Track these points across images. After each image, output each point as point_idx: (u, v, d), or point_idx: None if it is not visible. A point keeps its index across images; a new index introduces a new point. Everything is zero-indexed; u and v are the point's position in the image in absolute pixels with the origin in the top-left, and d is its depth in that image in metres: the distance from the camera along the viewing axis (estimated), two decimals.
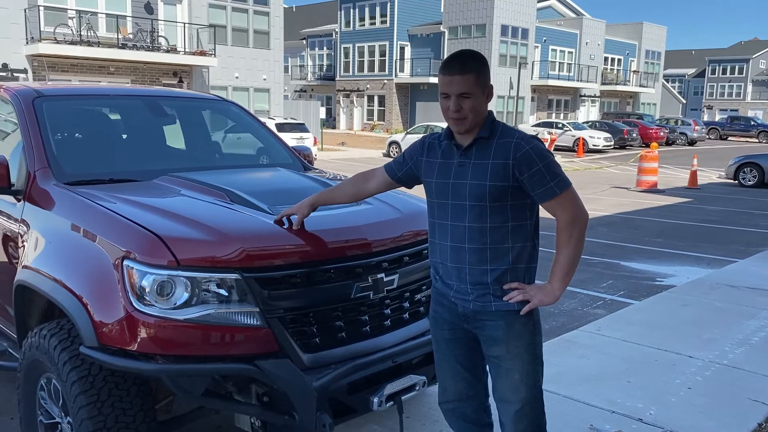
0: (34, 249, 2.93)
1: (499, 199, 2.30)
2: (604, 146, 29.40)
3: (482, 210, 2.31)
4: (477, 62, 2.30)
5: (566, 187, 2.28)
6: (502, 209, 2.31)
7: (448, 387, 2.58)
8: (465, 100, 2.27)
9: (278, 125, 20.04)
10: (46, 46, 18.37)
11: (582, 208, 2.32)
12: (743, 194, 15.60)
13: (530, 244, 2.38)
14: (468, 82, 2.26)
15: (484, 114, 2.34)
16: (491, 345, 2.40)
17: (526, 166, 2.24)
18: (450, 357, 2.53)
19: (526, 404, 2.40)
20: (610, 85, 44.91)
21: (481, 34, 36.70)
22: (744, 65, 69.73)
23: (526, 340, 2.37)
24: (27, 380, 2.92)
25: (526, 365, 2.37)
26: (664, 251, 8.76)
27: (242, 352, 2.53)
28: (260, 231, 2.68)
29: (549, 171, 2.25)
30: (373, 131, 39.89)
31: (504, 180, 2.27)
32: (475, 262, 2.35)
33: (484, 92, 2.32)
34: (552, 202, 2.28)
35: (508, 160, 2.26)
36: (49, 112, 3.54)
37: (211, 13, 23.51)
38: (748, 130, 43.03)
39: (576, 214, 2.29)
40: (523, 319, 2.35)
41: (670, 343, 4.85)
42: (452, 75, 2.26)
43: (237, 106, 4.63)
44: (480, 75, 2.29)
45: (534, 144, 2.28)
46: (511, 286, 2.34)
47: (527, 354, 2.37)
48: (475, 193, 2.31)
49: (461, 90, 2.26)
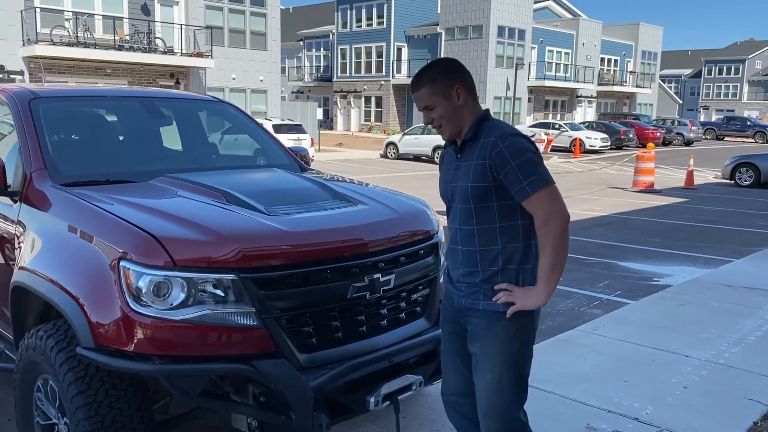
0: (30, 250, 2.93)
1: (483, 200, 2.30)
2: (601, 147, 29.44)
3: (469, 212, 2.34)
4: (427, 74, 2.33)
5: (540, 186, 2.21)
6: (487, 210, 2.31)
7: (448, 379, 2.61)
8: (430, 112, 2.35)
9: (275, 126, 20.02)
10: (42, 48, 18.35)
11: (558, 207, 2.22)
12: (739, 194, 15.64)
13: (523, 245, 2.34)
14: (423, 96, 2.33)
15: (461, 117, 2.34)
16: (471, 341, 2.42)
17: (500, 165, 2.23)
18: (451, 350, 2.56)
19: (493, 407, 2.37)
20: (607, 85, 44.97)
21: (477, 35, 36.73)
22: (740, 66, 69.92)
23: (503, 343, 2.33)
24: (24, 381, 2.92)
25: (498, 368, 2.34)
26: (661, 251, 8.78)
27: (239, 352, 2.54)
28: (256, 232, 2.69)
29: (522, 169, 2.20)
30: (371, 132, 39.91)
31: (484, 180, 2.27)
32: (466, 263, 2.39)
33: (447, 97, 2.32)
34: (526, 202, 2.24)
35: (485, 160, 2.26)
36: (45, 114, 3.54)
37: (208, 15, 23.51)
38: (745, 130, 43.14)
39: (549, 213, 2.21)
40: (506, 322, 2.32)
41: (667, 342, 4.87)
42: (413, 92, 2.37)
43: (234, 107, 4.63)
44: (433, 85, 2.31)
45: (510, 142, 2.23)
46: (501, 287, 2.33)
47: (502, 356, 2.34)
48: (462, 194, 2.34)
49: (422, 104, 2.35)
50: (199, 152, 4.32)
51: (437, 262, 3.24)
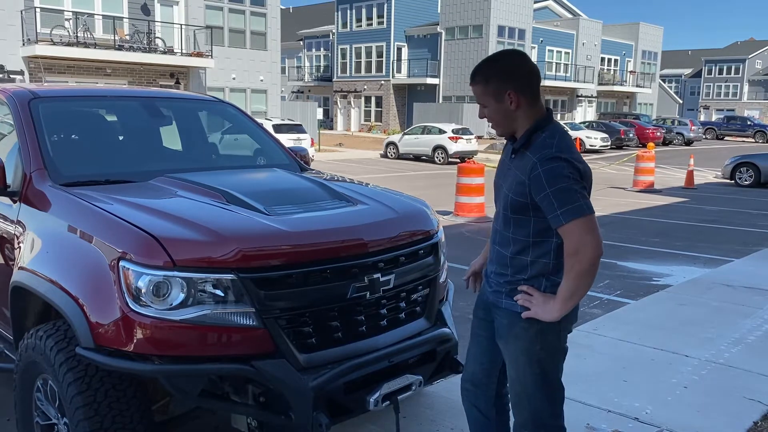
0: (30, 250, 2.93)
1: (521, 212, 2.28)
2: (601, 146, 29.44)
3: (507, 219, 2.35)
4: (481, 72, 2.30)
5: (573, 218, 2.13)
6: (524, 223, 2.29)
7: (468, 367, 2.66)
8: (483, 109, 2.36)
9: (275, 126, 20.03)
10: (42, 48, 18.36)
11: (590, 240, 2.13)
12: (740, 194, 15.64)
13: (554, 261, 2.31)
14: (476, 92, 2.34)
15: (514, 121, 2.30)
16: (497, 336, 2.47)
17: (537, 190, 2.18)
18: (477, 336, 2.61)
19: (520, 401, 2.44)
20: (607, 85, 44.97)
21: (477, 34, 36.75)
22: (740, 65, 69.88)
23: (523, 344, 2.35)
24: (23, 381, 2.91)
25: (522, 367, 2.38)
26: (661, 251, 8.77)
27: (239, 352, 2.54)
28: (256, 232, 2.68)
29: (557, 197, 2.14)
30: (371, 132, 39.92)
31: (522, 197, 2.25)
32: (498, 263, 2.43)
33: (499, 100, 2.28)
34: (560, 230, 2.18)
35: (525, 178, 2.22)
36: (45, 114, 3.54)
37: (208, 15, 23.52)
38: (745, 130, 43.15)
39: (580, 245, 2.13)
40: (524, 324, 2.32)
41: (667, 342, 4.86)
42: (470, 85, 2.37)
43: (234, 107, 4.63)
44: (487, 85, 2.28)
45: (550, 166, 2.15)
46: (522, 289, 2.33)
47: (523, 357, 2.36)
48: (503, 201, 2.35)
49: (478, 101, 2.36)
50: (198, 152, 4.32)
51: (437, 262, 3.23)
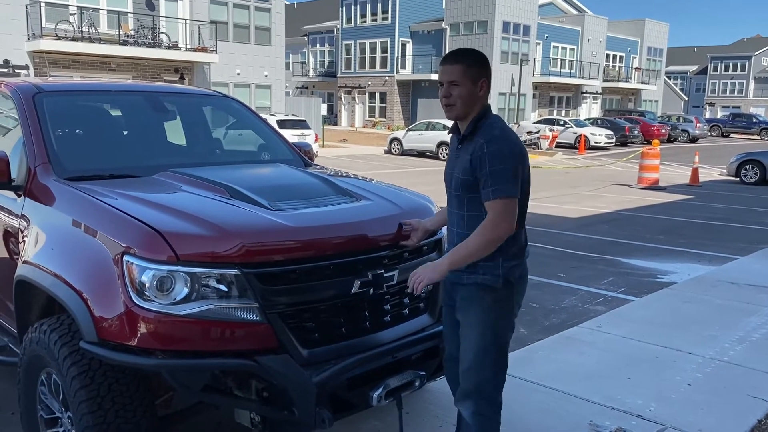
0: (34, 244, 2.93)
1: (471, 191, 2.51)
2: (606, 143, 29.36)
3: (460, 199, 2.59)
4: (470, 56, 2.53)
5: (499, 196, 2.40)
6: (475, 200, 2.52)
7: (446, 347, 2.87)
8: (454, 88, 2.51)
9: (280, 122, 20.01)
10: (47, 43, 18.36)
11: (501, 224, 2.41)
12: (745, 191, 15.59)
13: None
14: (456, 71, 2.51)
15: (473, 106, 2.54)
16: (457, 310, 2.66)
17: (480, 165, 2.44)
18: (447, 319, 2.81)
19: (471, 366, 2.58)
20: (612, 82, 44.82)
21: (482, 30, 36.63)
22: (746, 62, 69.58)
23: (478, 312, 2.54)
24: (27, 375, 2.92)
25: (475, 335, 2.55)
26: (665, 248, 8.75)
27: (242, 347, 2.54)
28: (260, 227, 2.68)
29: (493, 175, 2.40)
30: (375, 128, 39.87)
31: (470, 175, 2.49)
32: (455, 243, 2.60)
33: (474, 84, 2.52)
34: (487, 204, 2.44)
35: (472, 156, 2.47)
36: (49, 108, 3.54)
37: (213, 10, 23.48)
38: (750, 127, 42.98)
39: (497, 223, 2.41)
40: (481, 293, 2.53)
41: (671, 340, 4.85)
42: (445, 65, 2.54)
43: (238, 103, 4.63)
44: (470, 67, 2.51)
45: (494, 147, 2.42)
46: None
47: (478, 326, 2.55)
48: (455, 183, 2.58)
49: (450, 78, 2.51)
50: (202, 147, 4.32)
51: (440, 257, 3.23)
